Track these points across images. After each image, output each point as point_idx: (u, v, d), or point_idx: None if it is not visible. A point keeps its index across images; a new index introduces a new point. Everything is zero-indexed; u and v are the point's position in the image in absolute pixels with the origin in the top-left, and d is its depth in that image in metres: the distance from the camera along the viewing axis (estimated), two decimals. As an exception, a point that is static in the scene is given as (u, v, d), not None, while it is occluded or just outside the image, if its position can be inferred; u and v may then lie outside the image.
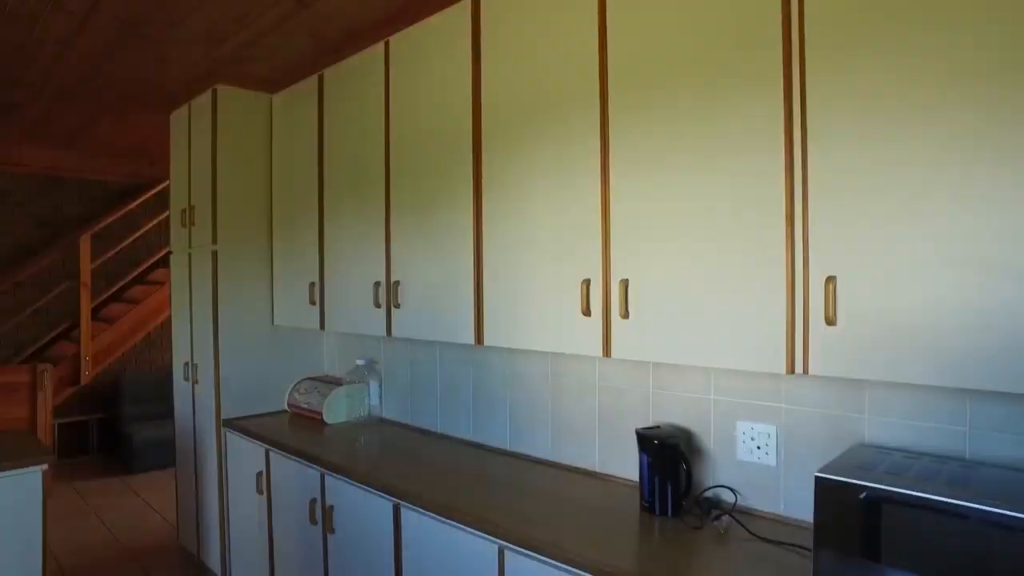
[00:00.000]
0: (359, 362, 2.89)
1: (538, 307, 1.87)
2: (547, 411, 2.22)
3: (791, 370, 1.38)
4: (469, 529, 1.75)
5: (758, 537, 1.55)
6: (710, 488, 1.80)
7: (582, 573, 1.47)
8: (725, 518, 1.63)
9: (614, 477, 2.03)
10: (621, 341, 1.68)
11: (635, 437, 1.97)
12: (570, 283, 1.78)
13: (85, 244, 5.00)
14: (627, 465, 2.00)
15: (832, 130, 1.30)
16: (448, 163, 2.15)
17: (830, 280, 1.30)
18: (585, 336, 1.75)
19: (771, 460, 1.69)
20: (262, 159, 3.11)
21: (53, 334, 5.46)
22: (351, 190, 2.58)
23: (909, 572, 1.15)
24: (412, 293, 2.29)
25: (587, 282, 1.74)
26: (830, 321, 1.30)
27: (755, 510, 1.72)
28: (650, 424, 1.94)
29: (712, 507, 1.73)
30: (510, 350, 2.34)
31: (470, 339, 2.07)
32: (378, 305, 2.43)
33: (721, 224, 1.47)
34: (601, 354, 1.71)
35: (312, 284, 2.80)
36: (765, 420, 1.70)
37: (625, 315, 1.66)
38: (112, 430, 5.56)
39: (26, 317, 5.29)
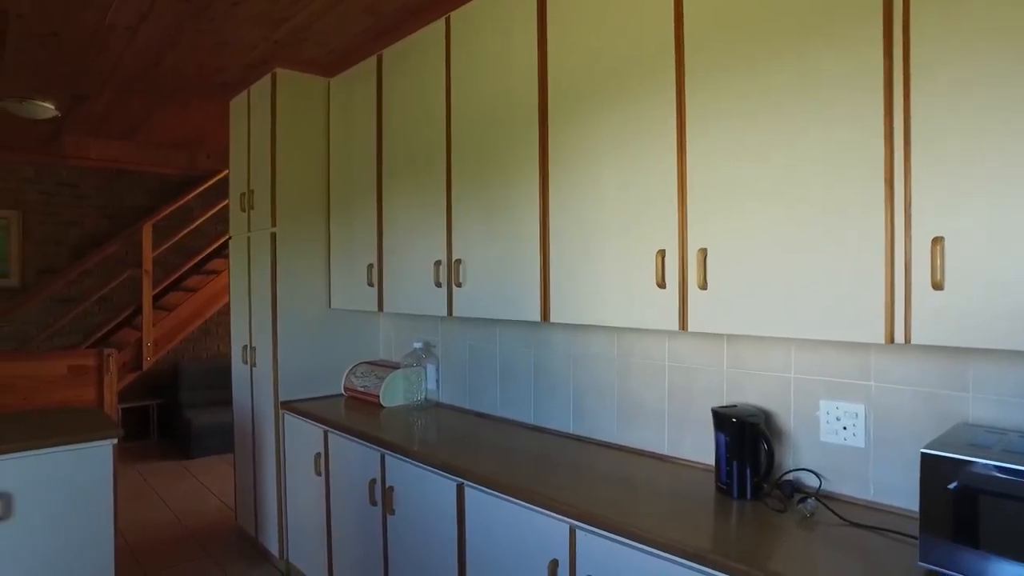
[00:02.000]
0: (416, 345, 2.87)
1: (609, 281, 1.81)
2: (612, 392, 2.16)
3: (890, 340, 1.28)
4: (538, 508, 1.70)
5: (849, 522, 1.45)
6: (790, 471, 1.70)
7: (662, 554, 1.41)
8: (811, 501, 1.53)
9: (684, 460, 1.95)
10: (699, 314, 1.60)
11: (708, 418, 1.89)
12: (643, 255, 1.72)
13: (147, 233, 5.15)
14: (699, 448, 1.92)
15: (938, 76, 1.20)
16: (512, 137, 2.10)
17: (937, 241, 1.20)
18: (660, 310, 1.68)
19: (859, 442, 1.58)
20: (319, 142, 3.12)
21: (117, 320, 5.64)
22: (410, 170, 2.56)
23: (1035, 556, 1.05)
24: (474, 271, 2.26)
25: (662, 253, 1.66)
26: (937, 285, 1.21)
27: (840, 495, 1.62)
28: (724, 404, 1.86)
29: (793, 491, 1.64)
30: (574, 329, 2.28)
31: (536, 316, 2.02)
32: (439, 284, 2.40)
33: (811, 185, 1.38)
34: (678, 327, 1.64)
35: (370, 266, 2.79)
36: (852, 399, 1.60)
37: (703, 286, 1.58)
38: (171, 415, 5.72)
39: (92, 304, 5.48)
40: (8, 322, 5.23)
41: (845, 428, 1.61)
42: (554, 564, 1.65)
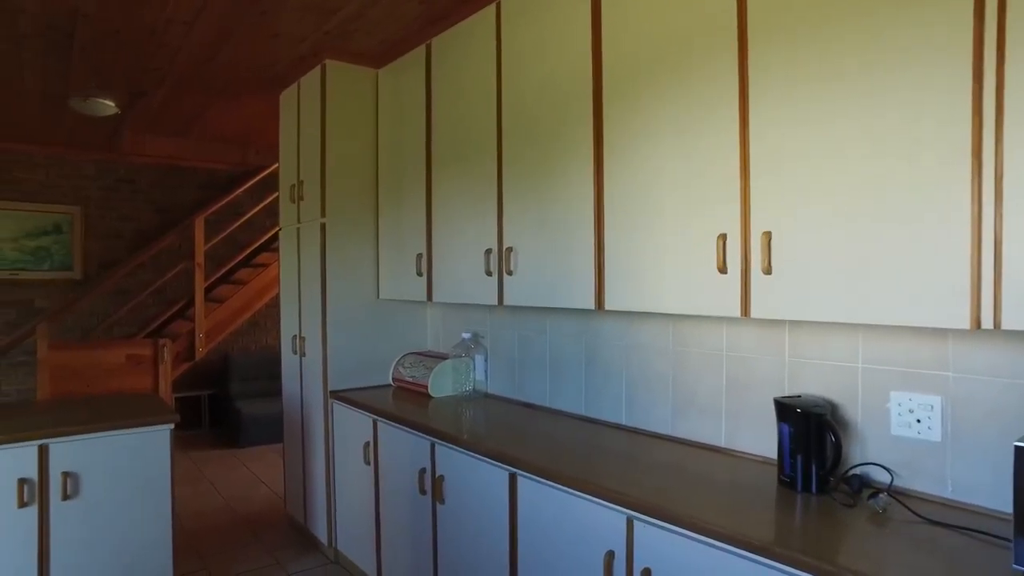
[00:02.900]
0: (464, 336, 2.86)
1: (666, 267, 1.76)
2: (667, 383, 2.10)
3: (976, 325, 1.20)
4: (594, 498, 1.66)
5: (928, 520, 1.37)
6: (858, 465, 1.63)
7: (726, 546, 1.36)
8: (883, 497, 1.46)
9: (743, 453, 1.89)
10: (763, 300, 1.54)
11: (768, 409, 1.82)
12: (703, 239, 1.66)
13: (199, 226, 5.28)
14: (758, 440, 1.85)
15: (1037, 44, 1.12)
16: (565, 121, 2.07)
17: (1031, 219, 1.12)
18: (720, 296, 1.63)
19: (934, 435, 1.50)
20: (368, 133, 3.14)
21: (170, 312, 5.81)
22: (460, 158, 2.55)
23: None
24: (525, 259, 2.23)
25: (723, 236, 1.61)
26: (1032, 266, 1.12)
27: (913, 491, 1.54)
28: (786, 395, 1.79)
29: (862, 485, 1.56)
30: (627, 319, 2.23)
31: (589, 304, 1.98)
32: (489, 273, 2.38)
33: (887, 161, 1.31)
34: (740, 314, 1.58)
35: (419, 255, 2.79)
36: (927, 390, 1.52)
37: (768, 270, 1.52)
38: (221, 406, 5.86)
39: (147, 296, 5.66)
40: (72, 313, 5.43)
41: (919, 421, 1.53)
42: (610, 556, 1.61)
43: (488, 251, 2.38)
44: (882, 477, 1.59)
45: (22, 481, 2.12)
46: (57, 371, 4.32)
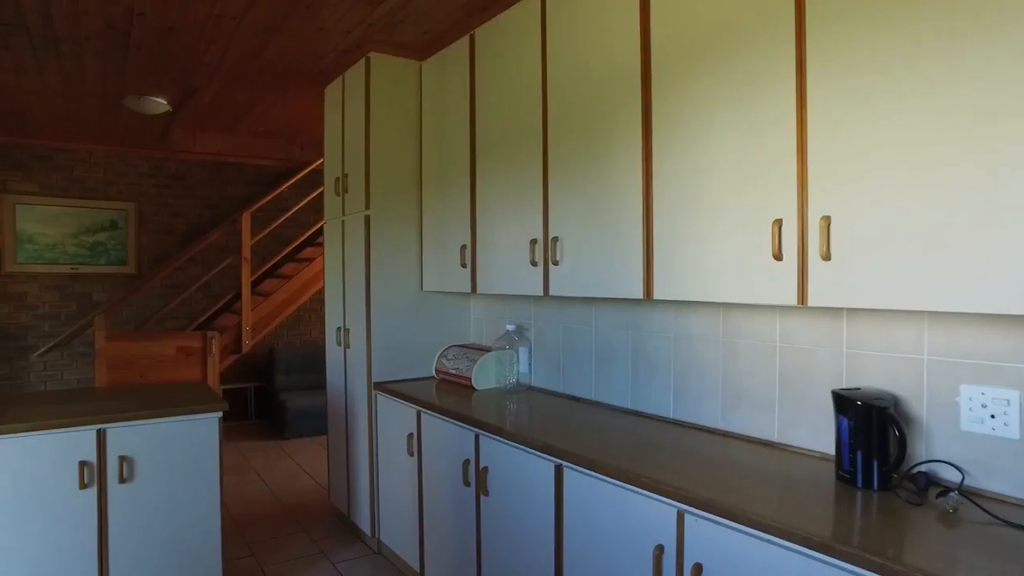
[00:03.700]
0: (508, 328, 2.85)
1: (717, 254, 1.70)
2: (717, 375, 2.04)
3: (1062, 312, 1.12)
4: (643, 491, 1.62)
5: (1004, 521, 1.29)
6: (923, 462, 1.55)
7: (784, 543, 1.30)
8: (953, 495, 1.38)
9: (798, 448, 1.82)
10: (821, 287, 1.48)
11: (825, 402, 1.75)
12: (757, 225, 1.60)
13: (246, 221, 5.39)
14: (814, 435, 1.78)
15: None
16: (612, 106, 2.03)
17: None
18: (775, 283, 1.57)
19: (1011, 432, 1.42)
20: (411, 125, 3.15)
21: (218, 306, 5.96)
22: (505, 147, 2.53)
23: None
24: (571, 248, 2.20)
25: (778, 222, 1.55)
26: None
27: (986, 491, 1.45)
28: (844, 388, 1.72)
29: (929, 483, 1.48)
30: (676, 309, 2.18)
31: (637, 293, 1.94)
32: (534, 263, 2.35)
33: (959, 139, 1.24)
34: (796, 302, 1.52)
35: (463, 247, 2.79)
36: (1002, 383, 1.43)
37: (826, 256, 1.45)
38: (267, 398, 5.98)
39: (196, 290, 5.81)
40: (126, 306, 5.62)
41: (993, 416, 1.44)
42: (659, 550, 1.57)
43: (533, 241, 2.35)
44: (951, 475, 1.51)
45: (83, 463, 2.19)
46: (113, 361, 4.47)
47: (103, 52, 3.25)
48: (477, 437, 2.27)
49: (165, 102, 4.10)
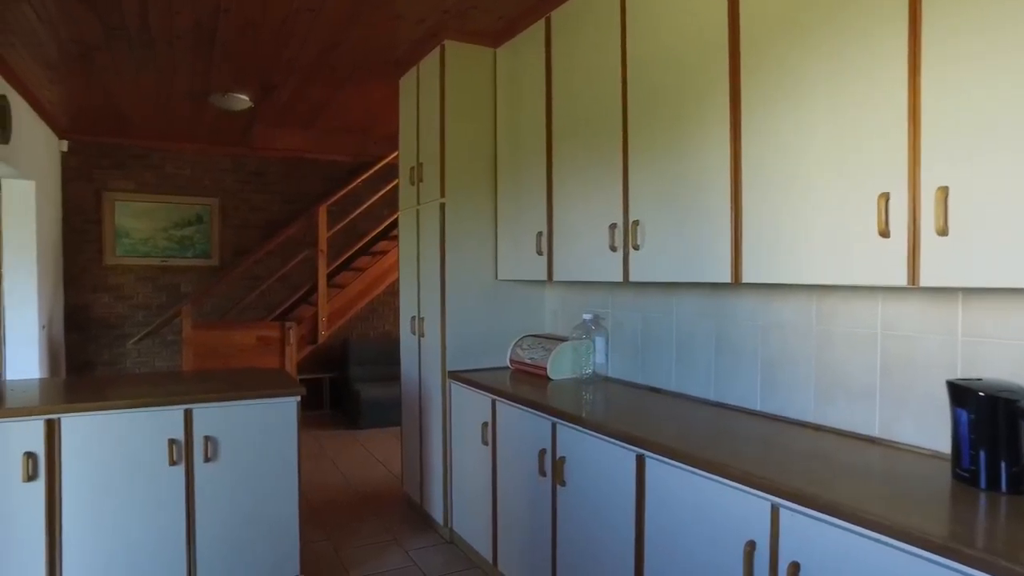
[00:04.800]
0: (585, 317, 2.78)
1: (815, 232, 1.59)
2: (809, 365, 1.92)
3: None
4: (732, 483, 1.53)
5: None
6: (1055, 462, 1.39)
7: (896, 543, 1.19)
8: (1095, 497, 1.23)
9: (903, 444, 1.68)
10: (936, 265, 1.35)
11: (936, 394, 1.61)
12: (861, 199, 1.48)
13: (322, 215, 5.54)
14: (923, 431, 1.64)
15: None
16: (696, 83, 1.93)
17: None
18: (881, 263, 1.44)
19: None
20: (486, 112, 3.13)
21: (295, 298, 6.15)
22: (583, 131, 2.47)
23: None
24: (653, 232, 2.11)
25: (885, 196, 1.42)
26: None
27: None
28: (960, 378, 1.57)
29: (1062, 485, 1.33)
30: (764, 295, 2.06)
31: (725, 277, 1.84)
32: (614, 249, 2.28)
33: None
34: (907, 282, 1.40)
35: (539, 234, 2.74)
36: None
37: (943, 231, 1.33)
38: (341, 388, 6.13)
39: (274, 282, 6.03)
40: (210, 297, 5.88)
41: None
42: (750, 546, 1.48)
43: (613, 226, 2.28)
44: (1088, 476, 1.35)
45: (171, 441, 2.27)
46: (199, 349, 4.68)
47: (191, 50, 3.38)
48: (554, 426, 2.22)
49: (247, 99, 4.24)
